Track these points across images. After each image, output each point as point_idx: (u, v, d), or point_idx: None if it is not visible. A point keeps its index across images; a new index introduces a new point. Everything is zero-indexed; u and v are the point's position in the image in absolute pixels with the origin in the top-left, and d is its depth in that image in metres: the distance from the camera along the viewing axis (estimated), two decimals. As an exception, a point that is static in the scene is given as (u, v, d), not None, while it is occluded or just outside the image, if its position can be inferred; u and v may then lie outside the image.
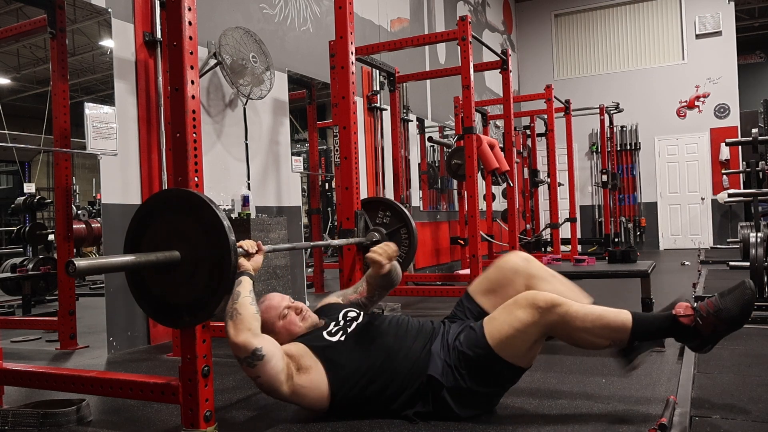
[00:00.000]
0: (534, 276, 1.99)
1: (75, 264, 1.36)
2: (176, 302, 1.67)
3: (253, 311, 1.83)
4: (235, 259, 1.62)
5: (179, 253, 1.63)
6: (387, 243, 2.24)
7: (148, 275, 1.69)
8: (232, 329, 1.80)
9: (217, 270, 1.61)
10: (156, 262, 1.60)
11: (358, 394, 1.88)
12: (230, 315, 1.81)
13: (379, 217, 2.89)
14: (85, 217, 4.33)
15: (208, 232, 1.62)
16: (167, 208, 1.69)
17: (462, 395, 1.82)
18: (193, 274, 1.64)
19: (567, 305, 1.75)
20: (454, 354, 1.85)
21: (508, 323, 1.80)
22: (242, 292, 1.84)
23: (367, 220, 2.81)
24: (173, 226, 1.66)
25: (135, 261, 1.58)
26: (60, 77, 3.37)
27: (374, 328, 1.99)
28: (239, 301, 1.82)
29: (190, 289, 1.64)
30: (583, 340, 1.76)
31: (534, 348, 1.81)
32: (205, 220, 1.62)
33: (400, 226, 2.84)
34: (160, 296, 1.69)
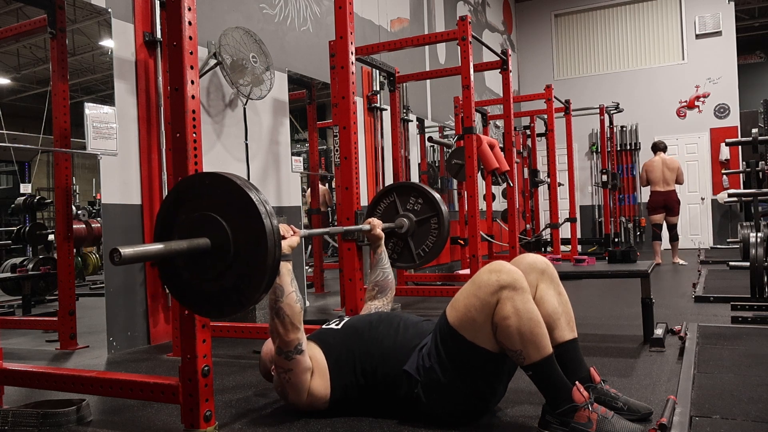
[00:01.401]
0: (546, 277, 1.93)
1: (121, 252, 1.32)
2: (210, 291, 1.55)
3: (298, 309, 1.83)
4: (277, 249, 1.48)
5: (209, 240, 1.51)
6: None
7: (180, 263, 1.57)
8: (280, 327, 1.79)
9: (256, 260, 1.48)
10: (186, 249, 1.48)
11: (352, 381, 1.91)
12: (276, 312, 1.80)
13: (410, 203, 2.73)
14: (85, 217, 4.33)
15: (243, 218, 1.48)
16: (198, 193, 1.56)
17: (434, 389, 1.78)
18: (227, 263, 1.50)
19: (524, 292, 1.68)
20: (429, 345, 1.84)
21: (464, 294, 1.76)
22: (285, 287, 1.80)
23: (398, 205, 2.73)
24: (205, 212, 1.53)
25: (165, 249, 1.45)
26: (60, 77, 3.37)
27: (367, 317, 2.06)
28: (285, 300, 1.80)
29: (224, 279, 1.51)
30: (507, 327, 1.65)
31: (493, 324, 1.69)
32: (238, 204, 1.49)
33: (432, 215, 2.70)
34: (190, 284, 1.57)
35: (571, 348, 1.86)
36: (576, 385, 1.67)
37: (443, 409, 1.80)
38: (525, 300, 1.68)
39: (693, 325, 3.15)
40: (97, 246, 4.49)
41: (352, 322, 2.06)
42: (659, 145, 7.17)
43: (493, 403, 1.90)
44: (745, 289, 3.80)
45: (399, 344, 1.91)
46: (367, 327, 1.99)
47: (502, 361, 1.75)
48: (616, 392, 1.85)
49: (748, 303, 3.63)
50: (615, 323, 3.56)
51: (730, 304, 3.73)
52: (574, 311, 1.95)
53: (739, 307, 3.64)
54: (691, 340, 2.77)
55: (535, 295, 1.87)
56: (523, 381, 1.89)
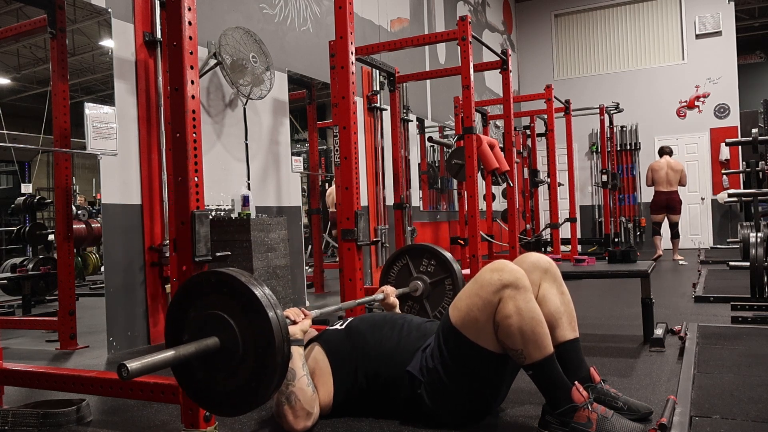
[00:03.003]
0: (549, 276, 1.93)
1: (128, 368, 1.30)
2: (221, 390, 1.52)
3: (310, 393, 1.79)
4: (286, 345, 1.45)
5: (218, 339, 1.48)
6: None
7: (194, 364, 1.54)
8: (290, 416, 1.75)
9: (263, 354, 1.45)
10: (195, 353, 1.46)
11: (354, 383, 1.90)
12: (287, 398, 1.75)
13: (423, 265, 2.74)
14: (85, 217, 4.33)
15: (249, 315, 1.47)
16: (201, 293, 1.55)
17: (437, 390, 1.78)
18: (237, 361, 1.47)
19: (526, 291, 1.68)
20: (432, 346, 1.83)
21: (466, 293, 1.75)
22: (297, 371, 1.76)
23: (411, 267, 2.74)
24: (212, 310, 1.51)
25: (175, 356, 1.43)
26: (60, 77, 3.37)
27: (370, 318, 2.05)
28: (296, 384, 1.76)
29: (236, 377, 1.48)
30: (509, 326, 1.66)
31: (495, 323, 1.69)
32: (243, 302, 1.47)
33: (445, 276, 2.69)
34: (205, 385, 1.53)
35: (572, 348, 1.86)
36: (575, 385, 1.67)
37: (446, 409, 1.80)
38: (527, 299, 1.68)
39: (693, 325, 3.15)
40: (97, 246, 4.49)
41: (356, 323, 2.05)
42: (665, 149, 7.62)
43: (495, 403, 1.90)
44: (745, 289, 3.80)
45: (402, 346, 1.91)
46: (371, 329, 1.98)
47: (505, 361, 1.75)
48: (616, 392, 1.85)
49: (748, 303, 3.62)
50: (615, 323, 3.56)
51: (730, 304, 3.73)
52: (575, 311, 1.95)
53: (739, 307, 3.64)
54: (691, 340, 2.77)
55: (537, 294, 1.87)
56: (524, 381, 1.89)
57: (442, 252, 2.73)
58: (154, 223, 3.57)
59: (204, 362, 1.51)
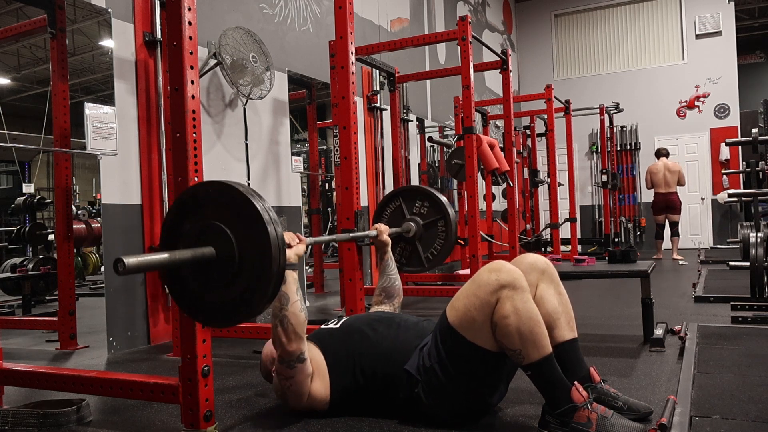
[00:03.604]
0: (547, 277, 1.93)
1: (124, 261, 1.28)
2: (215, 301, 1.53)
3: (303, 318, 1.82)
4: (282, 256, 1.45)
5: (214, 249, 1.48)
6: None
7: (186, 274, 1.55)
8: (283, 337, 1.79)
9: (259, 265, 1.45)
10: (191, 258, 1.45)
11: (351, 382, 1.91)
12: (280, 321, 1.79)
13: (417, 206, 2.70)
14: (84, 217, 4.33)
15: (247, 226, 1.46)
16: (198, 204, 1.54)
17: (434, 389, 1.78)
18: (233, 272, 1.48)
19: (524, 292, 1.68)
20: (430, 345, 1.83)
21: (464, 293, 1.76)
22: (290, 295, 1.80)
23: (404, 209, 2.72)
24: (210, 221, 1.51)
25: (170, 258, 1.42)
26: (60, 77, 3.37)
27: (366, 317, 2.06)
28: (289, 308, 1.79)
29: (230, 288, 1.49)
30: (506, 326, 1.65)
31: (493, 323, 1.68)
32: (242, 213, 1.47)
33: (438, 218, 2.67)
34: (199, 295, 1.54)
35: (570, 348, 1.86)
36: (575, 385, 1.67)
37: (443, 408, 1.80)
38: (525, 299, 1.68)
39: (693, 325, 3.15)
40: (97, 246, 4.49)
41: (351, 321, 2.05)
42: (662, 151, 7.79)
43: (493, 402, 1.90)
44: (745, 289, 3.80)
45: (399, 344, 1.91)
46: (367, 327, 1.98)
47: (502, 361, 1.75)
48: (615, 392, 1.85)
49: (748, 303, 3.62)
50: (615, 323, 3.56)
51: (730, 304, 3.73)
52: (574, 311, 1.95)
53: (739, 307, 3.64)
54: (691, 340, 2.77)
55: (535, 294, 1.87)
56: (523, 381, 1.89)
57: (436, 194, 2.73)
58: (154, 223, 3.57)
59: (198, 272, 1.50)
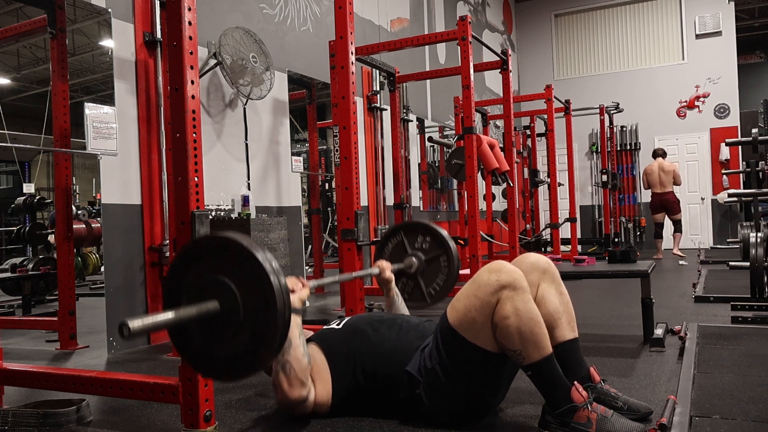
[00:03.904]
0: (548, 277, 1.92)
1: (130, 326, 1.26)
2: (220, 355, 1.50)
3: (305, 363, 1.80)
4: (287, 309, 1.42)
5: (218, 303, 1.46)
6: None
7: (191, 328, 1.52)
8: (285, 383, 1.77)
9: (264, 319, 1.43)
10: (196, 315, 1.44)
11: (352, 382, 1.91)
12: (282, 366, 1.77)
13: (418, 241, 2.72)
14: (85, 217, 4.33)
15: (250, 279, 1.44)
16: (201, 257, 1.53)
17: (435, 390, 1.78)
18: (238, 325, 1.46)
19: (524, 292, 1.68)
20: (431, 346, 1.83)
21: (464, 294, 1.75)
22: (293, 340, 1.77)
23: (406, 244, 2.72)
24: (213, 274, 1.49)
25: (176, 317, 1.41)
26: (60, 77, 3.37)
27: (367, 318, 2.06)
28: (292, 353, 1.77)
29: (235, 342, 1.47)
30: (507, 327, 1.65)
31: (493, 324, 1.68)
32: (245, 266, 1.45)
33: (440, 253, 2.65)
34: (204, 350, 1.52)
35: (571, 348, 1.86)
36: (575, 385, 1.67)
37: (444, 409, 1.80)
38: (525, 300, 1.68)
39: (693, 325, 3.15)
40: (97, 246, 4.49)
41: (353, 322, 2.05)
42: (658, 151, 7.91)
43: (494, 403, 1.90)
44: (745, 289, 3.80)
45: (401, 345, 1.91)
46: (369, 328, 1.98)
47: (503, 361, 1.74)
48: (615, 392, 1.84)
49: (748, 303, 3.62)
50: (615, 323, 3.56)
51: (730, 304, 3.73)
52: (574, 311, 1.95)
53: (739, 307, 3.64)
54: (691, 340, 2.77)
55: (536, 294, 1.87)
56: (523, 381, 1.88)
57: (438, 229, 2.71)
58: (154, 223, 3.57)
59: (203, 326, 1.49)
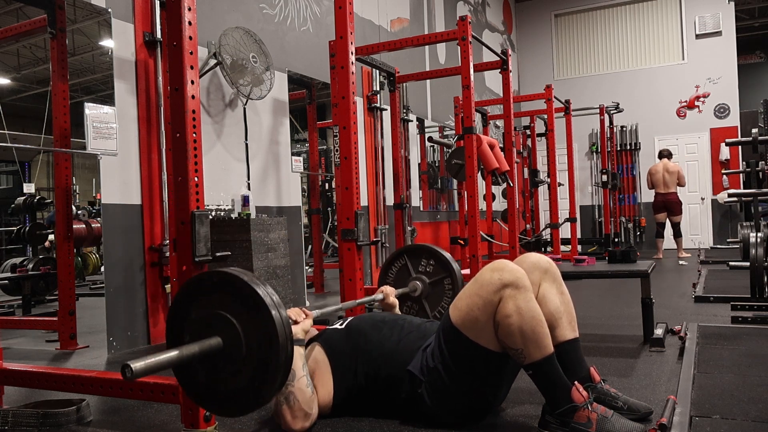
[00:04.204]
0: (549, 276, 1.92)
1: (132, 368, 1.27)
2: (224, 391, 1.50)
3: (309, 394, 1.79)
4: (289, 343, 1.43)
5: (220, 339, 1.47)
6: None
7: (196, 365, 1.52)
8: (288, 415, 1.76)
9: (266, 354, 1.44)
10: (198, 353, 1.44)
11: (354, 382, 1.91)
12: (285, 398, 1.76)
13: (422, 265, 2.72)
14: (85, 217, 4.33)
15: (252, 314, 1.45)
16: (203, 293, 1.54)
17: (437, 389, 1.78)
18: (241, 361, 1.46)
19: (526, 291, 1.68)
20: (433, 346, 1.83)
21: (467, 293, 1.75)
22: (297, 372, 1.77)
23: (410, 267, 2.73)
24: (215, 310, 1.50)
25: (179, 356, 1.41)
26: (60, 77, 3.37)
27: (370, 318, 2.06)
28: (295, 385, 1.76)
29: (239, 377, 1.47)
30: (509, 326, 1.66)
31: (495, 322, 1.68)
32: (246, 301, 1.46)
33: (444, 276, 2.67)
34: (208, 385, 1.52)
35: (571, 348, 1.86)
36: (575, 385, 1.67)
37: (446, 409, 1.80)
38: (527, 299, 1.68)
39: (693, 325, 3.15)
40: (97, 246, 4.49)
41: (356, 322, 2.05)
42: (663, 152, 7.98)
43: (496, 403, 1.90)
44: (745, 289, 3.80)
45: (403, 345, 1.91)
46: (371, 328, 1.98)
47: (505, 361, 1.75)
48: (616, 392, 1.85)
49: (748, 303, 3.62)
50: (615, 323, 3.56)
51: (730, 304, 3.73)
52: (574, 311, 1.95)
53: (739, 307, 3.64)
54: (691, 340, 2.77)
55: (537, 294, 1.87)
56: (524, 381, 1.89)
57: (441, 252, 2.73)
58: (154, 223, 3.57)
59: (206, 362, 1.50)
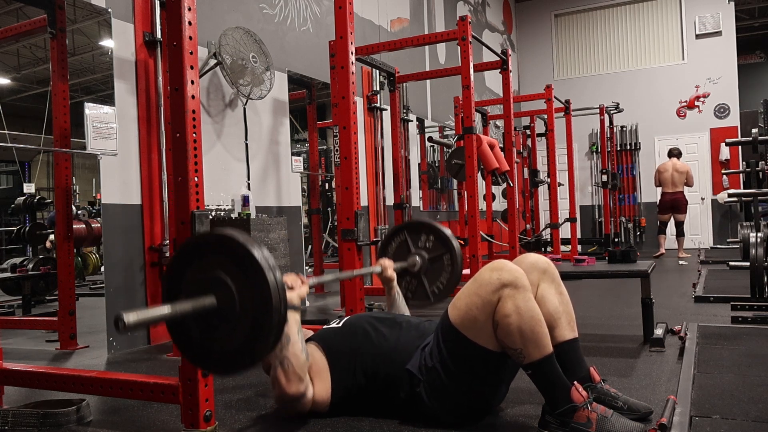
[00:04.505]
0: (548, 277, 1.93)
1: (125, 320, 1.29)
2: (218, 350, 1.53)
3: (303, 359, 1.80)
4: (283, 305, 1.45)
5: (215, 299, 1.49)
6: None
7: (189, 323, 1.55)
8: (283, 379, 1.77)
9: (259, 314, 1.45)
10: (191, 310, 1.46)
11: (352, 382, 1.91)
12: (281, 362, 1.77)
13: (422, 240, 2.71)
14: (85, 217, 4.33)
15: (247, 275, 1.46)
16: (199, 254, 1.55)
17: (435, 389, 1.78)
18: (234, 321, 1.48)
19: (525, 291, 1.68)
20: (432, 345, 1.83)
21: (466, 293, 1.76)
22: (291, 336, 1.78)
23: (409, 243, 2.72)
24: (210, 270, 1.51)
25: (171, 312, 1.44)
26: (60, 77, 3.37)
27: (367, 317, 2.06)
28: (290, 349, 1.78)
29: (232, 337, 1.49)
30: (508, 325, 1.65)
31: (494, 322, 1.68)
32: (241, 262, 1.47)
33: (443, 252, 2.65)
34: (202, 344, 1.54)
35: (571, 348, 1.86)
36: (575, 385, 1.67)
37: (445, 408, 1.80)
38: (526, 298, 1.68)
39: (693, 325, 3.15)
40: (97, 246, 4.49)
41: (353, 321, 2.05)
42: (673, 151, 8.03)
43: (494, 403, 1.90)
44: (745, 289, 3.80)
45: (401, 344, 1.91)
46: (369, 327, 1.98)
47: (504, 360, 1.74)
48: (615, 392, 1.85)
49: (748, 303, 3.62)
50: (615, 323, 3.56)
51: (730, 304, 3.73)
52: (574, 311, 1.95)
53: (739, 307, 3.64)
54: (691, 340, 2.77)
55: (536, 294, 1.86)
56: (524, 381, 1.88)
57: (441, 228, 2.70)
58: (154, 223, 3.57)
59: (201, 322, 1.51)
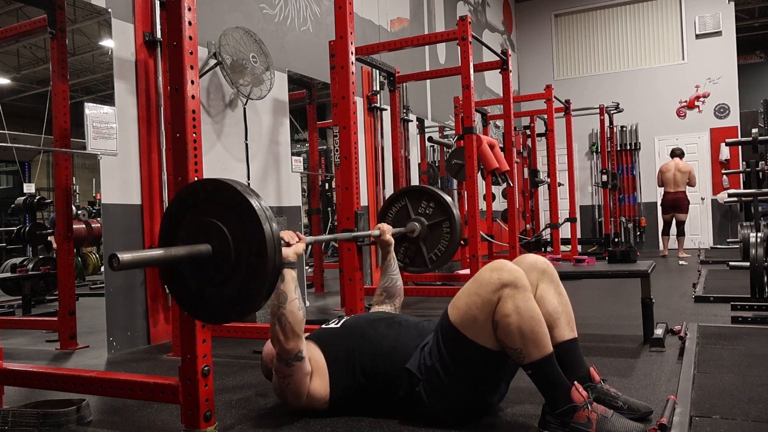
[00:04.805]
0: (547, 277, 1.93)
1: (119, 257, 1.30)
2: (212, 298, 1.54)
3: (300, 316, 1.82)
4: (277, 255, 1.47)
5: (210, 246, 1.49)
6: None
7: (184, 271, 1.55)
8: (281, 335, 1.78)
9: (254, 263, 1.46)
10: (186, 255, 1.46)
11: (352, 381, 1.91)
12: (278, 319, 1.79)
13: (422, 207, 2.66)
14: (85, 217, 4.33)
15: (243, 224, 1.47)
16: (196, 201, 1.55)
17: (435, 388, 1.78)
18: (229, 269, 1.49)
19: (525, 291, 1.68)
20: (431, 344, 1.83)
21: (466, 292, 1.76)
22: (288, 294, 1.80)
23: (409, 209, 2.69)
24: (207, 218, 1.52)
25: (165, 254, 1.44)
26: (60, 77, 3.37)
27: (366, 317, 2.07)
28: (287, 306, 1.79)
29: (227, 285, 1.50)
30: (508, 325, 1.65)
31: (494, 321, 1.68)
32: (238, 210, 1.48)
33: (443, 218, 2.63)
34: (197, 293, 1.55)
35: (570, 348, 1.86)
36: (575, 385, 1.67)
37: (444, 407, 1.80)
38: (526, 298, 1.68)
39: (693, 325, 3.15)
40: (97, 246, 4.49)
41: (352, 321, 2.05)
42: (676, 151, 8.14)
43: (494, 402, 1.90)
44: (745, 289, 3.80)
45: (400, 344, 1.91)
46: (368, 326, 1.98)
47: (503, 360, 1.75)
48: (615, 392, 1.85)
49: (748, 303, 3.62)
50: (615, 323, 3.56)
51: (730, 304, 3.73)
52: (574, 311, 1.95)
53: (739, 307, 3.64)
54: (691, 340, 2.77)
55: (535, 294, 1.86)
56: (524, 380, 1.88)
57: (442, 195, 2.69)
58: (154, 223, 3.57)
59: (196, 269, 1.52)
